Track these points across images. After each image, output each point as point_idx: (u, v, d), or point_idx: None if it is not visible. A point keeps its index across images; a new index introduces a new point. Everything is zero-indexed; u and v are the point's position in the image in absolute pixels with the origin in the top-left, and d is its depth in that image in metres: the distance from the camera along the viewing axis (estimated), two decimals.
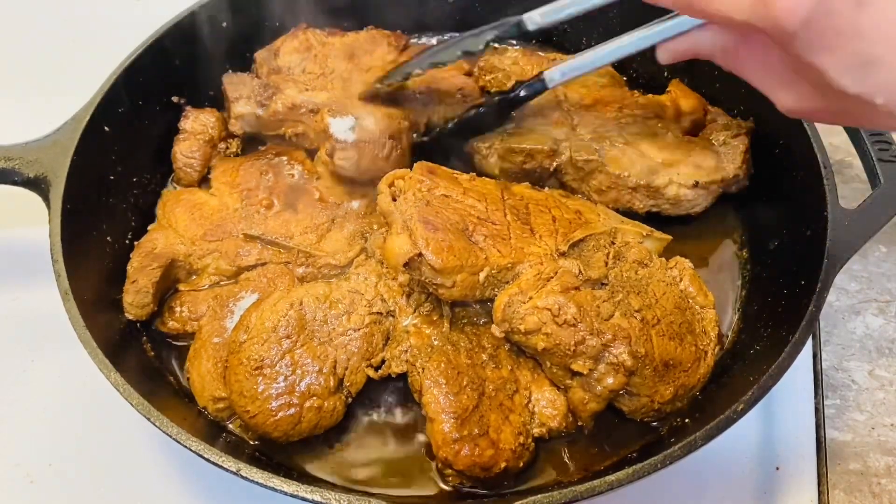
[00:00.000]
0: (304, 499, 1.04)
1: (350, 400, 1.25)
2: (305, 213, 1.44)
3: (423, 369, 1.19)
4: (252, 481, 1.05)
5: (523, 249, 1.24)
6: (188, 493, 1.32)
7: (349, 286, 1.28)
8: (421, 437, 1.26)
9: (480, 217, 1.26)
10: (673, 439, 1.11)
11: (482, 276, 1.21)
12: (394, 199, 1.28)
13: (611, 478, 1.04)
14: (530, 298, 1.18)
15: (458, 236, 1.21)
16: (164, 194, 1.54)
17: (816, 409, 1.40)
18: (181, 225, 1.42)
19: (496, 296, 1.22)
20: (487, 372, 1.21)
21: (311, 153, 1.54)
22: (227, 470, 1.05)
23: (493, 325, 1.21)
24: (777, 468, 1.34)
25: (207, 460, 1.07)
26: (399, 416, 1.29)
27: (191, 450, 1.07)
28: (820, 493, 1.32)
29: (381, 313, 1.27)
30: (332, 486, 1.20)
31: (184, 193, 1.49)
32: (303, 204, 1.46)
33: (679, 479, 1.31)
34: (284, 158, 1.53)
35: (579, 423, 1.24)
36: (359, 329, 1.24)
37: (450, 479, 1.18)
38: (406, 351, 1.23)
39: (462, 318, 1.29)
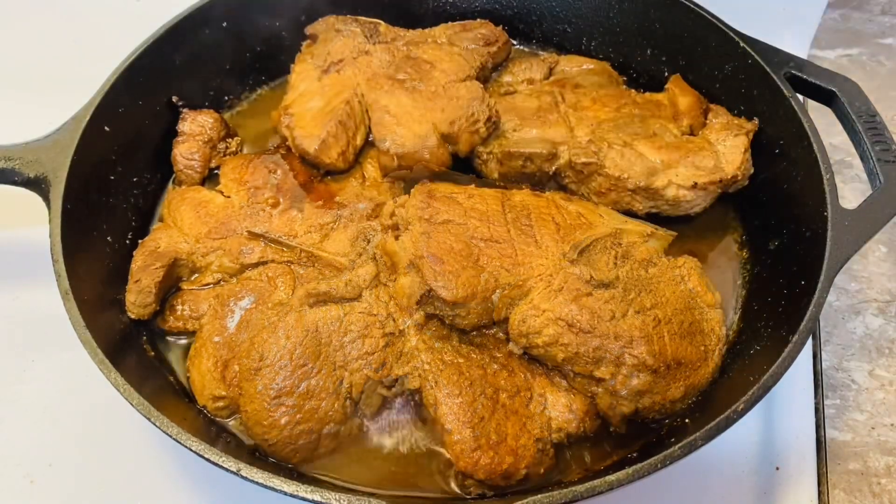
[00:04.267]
0: (304, 499, 1.04)
1: (366, 422, 1.25)
2: (310, 213, 1.44)
3: (436, 383, 1.19)
4: (252, 481, 1.05)
5: (531, 264, 1.24)
6: (188, 493, 1.32)
7: (361, 307, 1.26)
8: (421, 438, 1.25)
9: (484, 238, 1.27)
10: (673, 439, 1.11)
11: (495, 298, 1.21)
12: (396, 228, 1.29)
13: (611, 478, 1.04)
14: (544, 311, 1.19)
15: (464, 264, 1.21)
16: (169, 193, 1.54)
17: (816, 409, 1.41)
18: (186, 223, 1.42)
19: (511, 314, 1.22)
20: (500, 381, 1.21)
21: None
22: (227, 470, 1.05)
23: (511, 343, 1.22)
24: (777, 468, 1.34)
25: (208, 460, 1.07)
26: (398, 418, 1.28)
27: (191, 450, 1.07)
28: (820, 493, 1.32)
29: (393, 333, 1.25)
30: (332, 487, 1.20)
31: (189, 191, 1.49)
32: (308, 203, 1.46)
33: (679, 479, 1.31)
34: (295, 156, 1.53)
35: (611, 429, 1.24)
36: (374, 353, 1.23)
37: (471, 489, 1.17)
38: (418, 367, 1.22)
39: (472, 329, 1.29)
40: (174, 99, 1.61)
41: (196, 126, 1.57)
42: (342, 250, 1.38)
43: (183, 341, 1.37)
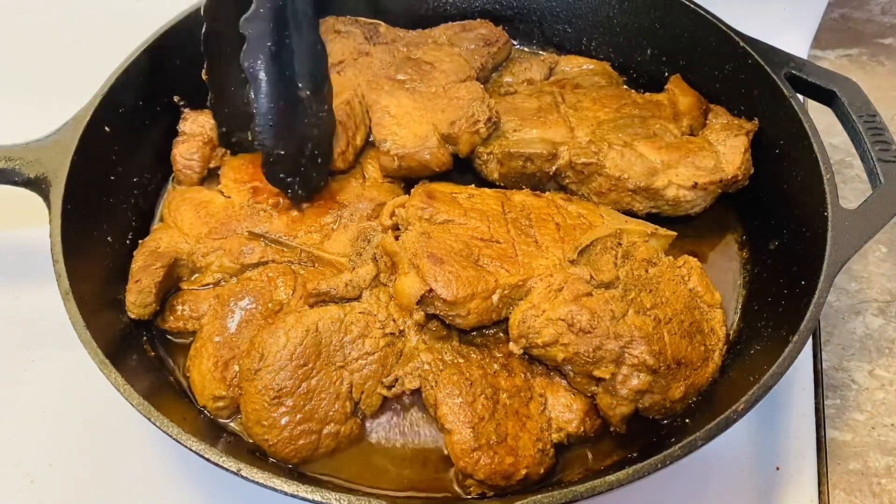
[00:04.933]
0: (304, 499, 1.04)
1: (366, 422, 1.25)
2: (311, 213, 1.44)
3: (437, 383, 1.19)
4: (252, 481, 1.05)
5: (531, 264, 1.24)
6: (188, 493, 1.32)
7: (361, 307, 1.26)
8: (421, 438, 1.26)
9: (484, 238, 1.27)
10: (673, 439, 1.11)
11: (495, 298, 1.21)
12: (396, 228, 1.29)
13: (611, 478, 1.04)
14: (544, 311, 1.19)
15: (464, 264, 1.21)
16: (169, 193, 1.54)
17: (816, 409, 1.41)
18: (186, 223, 1.42)
19: (511, 314, 1.22)
20: (501, 381, 1.21)
21: None
22: (227, 470, 1.05)
23: (511, 343, 1.21)
24: (777, 468, 1.34)
25: (208, 460, 1.07)
26: (398, 418, 1.28)
27: (191, 450, 1.07)
28: (820, 493, 1.33)
29: (393, 333, 1.25)
30: (332, 486, 1.20)
31: (189, 192, 1.49)
32: (309, 204, 1.45)
33: (679, 479, 1.31)
34: None
35: (611, 429, 1.24)
36: (374, 353, 1.23)
37: (471, 489, 1.17)
38: (418, 367, 1.22)
39: (472, 328, 1.28)
40: (175, 99, 1.61)
41: (196, 126, 1.56)
42: (343, 250, 1.38)
43: (183, 341, 1.37)
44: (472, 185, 1.41)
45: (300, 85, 1.32)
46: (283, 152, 1.36)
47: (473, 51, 1.69)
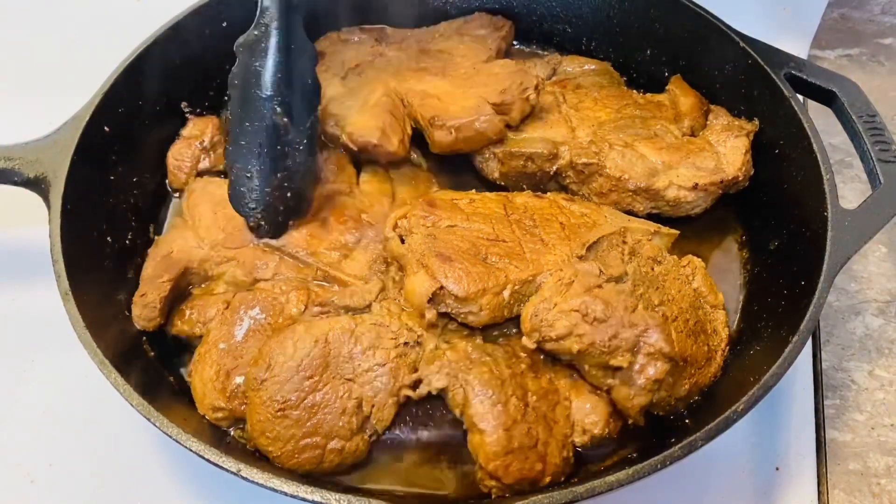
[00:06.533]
0: (304, 499, 1.04)
1: (375, 438, 1.21)
2: (334, 230, 1.38)
3: (466, 382, 1.15)
4: (252, 481, 1.05)
5: (539, 260, 1.24)
6: (188, 494, 1.32)
7: (373, 319, 1.23)
8: (425, 440, 1.24)
9: (490, 238, 1.26)
10: (673, 439, 1.11)
11: (506, 293, 1.20)
12: (402, 239, 1.28)
13: (611, 478, 1.04)
14: (556, 304, 1.18)
15: (473, 262, 1.21)
16: (191, 183, 1.51)
17: (816, 409, 1.41)
18: (203, 223, 1.39)
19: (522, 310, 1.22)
20: (528, 382, 1.18)
21: (353, 157, 1.52)
22: (227, 470, 1.05)
23: (524, 338, 1.20)
24: (777, 468, 1.34)
25: (208, 461, 1.06)
26: (407, 425, 1.27)
27: (191, 450, 1.07)
28: (820, 493, 1.33)
29: (408, 343, 1.22)
30: (332, 486, 1.19)
31: (210, 184, 1.46)
32: (333, 219, 1.40)
33: (679, 479, 1.31)
34: (328, 161, 1.48)
35: (630, 421, 1.22)
36: (385, 364, 1.20)
37: (493, 490, 1.14)
38: (444, 365, 1.19)
39: (493, 329, 1.27)
40: (182, 105, 1.61)
41: (196, 130, 1.57)
42: (360, 272, 1.33)
43: (185, 342, 1.36)
44: (473, 191, 1.41)
45: (278, 110, 1.30)
46: (248, 175, 1.33)
47: (485, 36, 1.68)
